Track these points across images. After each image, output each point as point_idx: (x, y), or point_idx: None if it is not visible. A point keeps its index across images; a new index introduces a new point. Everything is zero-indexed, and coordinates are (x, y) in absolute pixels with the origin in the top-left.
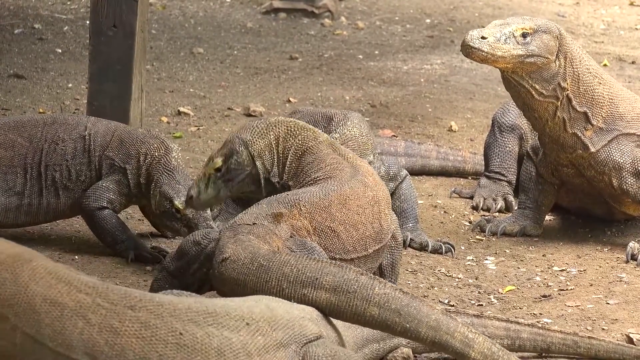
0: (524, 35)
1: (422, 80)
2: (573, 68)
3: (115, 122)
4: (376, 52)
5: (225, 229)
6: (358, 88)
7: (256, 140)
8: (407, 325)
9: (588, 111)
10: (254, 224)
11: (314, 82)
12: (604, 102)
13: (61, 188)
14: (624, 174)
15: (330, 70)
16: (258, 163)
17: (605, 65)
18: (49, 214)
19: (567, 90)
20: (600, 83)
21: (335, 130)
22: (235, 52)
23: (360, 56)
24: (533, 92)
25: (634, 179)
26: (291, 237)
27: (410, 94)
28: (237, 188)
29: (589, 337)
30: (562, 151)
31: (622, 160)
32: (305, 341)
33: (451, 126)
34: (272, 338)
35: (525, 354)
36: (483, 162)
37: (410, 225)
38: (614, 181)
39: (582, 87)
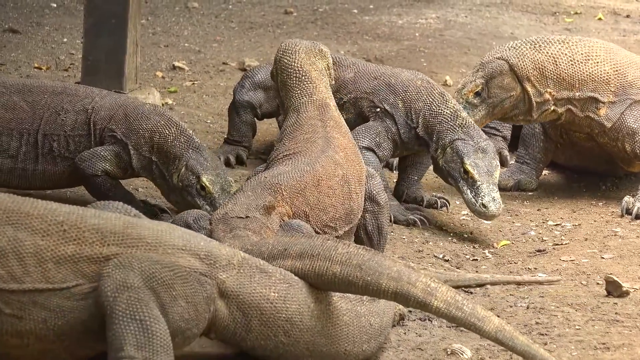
0: (477, 94)
1: (416, 34)
2: (546, 76)
3: (125, 96)
4: (371, 6)
5: (218, 221)
6: (353, 42)
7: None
8: (369, 279)
9: (593, 94)
10: (246, 217)
11: (309, 36)
12: (609, 78)
13: (59, 157)
14: (637, 138)
15: (325, 24)
16: None
17: (600, 19)
18: (45, 180)
19: (553, 94)
20: (597, 62)
21: (444, 103)
22: (230, 6)
23: (355, 10)
24: (529, 120)
25: None
26: (280, 226)
27: (405, 49)
28: None
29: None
30: (579, 131)
31: (635, 126)
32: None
33: (446, 80)
34: (95, 251)
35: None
36: None
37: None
38: (627, 146)
39: (574, 79)
